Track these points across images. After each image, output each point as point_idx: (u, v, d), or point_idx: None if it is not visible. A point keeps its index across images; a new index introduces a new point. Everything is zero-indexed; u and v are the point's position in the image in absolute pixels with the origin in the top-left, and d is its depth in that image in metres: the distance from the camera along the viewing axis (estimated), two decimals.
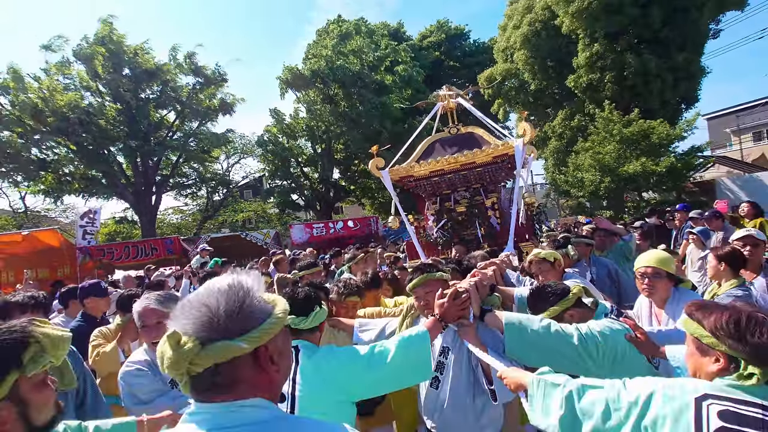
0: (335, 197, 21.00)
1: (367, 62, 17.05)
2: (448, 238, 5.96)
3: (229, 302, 0.90)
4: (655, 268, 2.59)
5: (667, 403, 1.27)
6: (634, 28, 15.34)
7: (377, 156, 6.18)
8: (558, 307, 1.99)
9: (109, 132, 17.74)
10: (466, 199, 6.06)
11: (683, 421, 1.23)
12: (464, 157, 5.75)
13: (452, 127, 6.50)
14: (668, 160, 12.43)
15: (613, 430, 1.33)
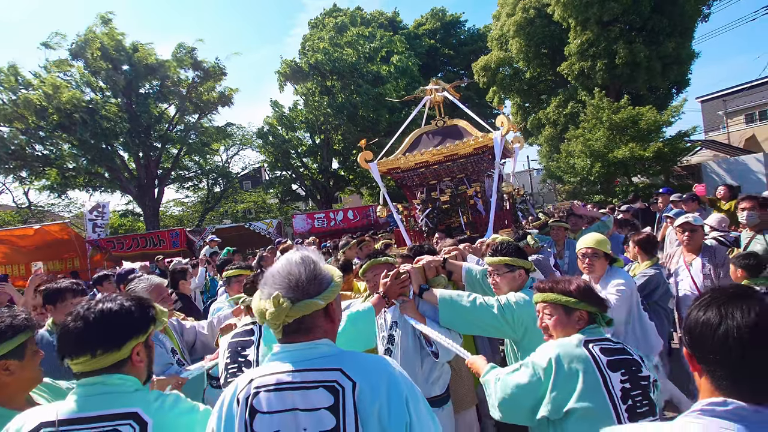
0: (335, 187, 21.38)
1: (363, 53, 17.29)
2: (434, 226, 6.33)
3: (307, 271, 1.25)
4: (594, 248, 3.02)
5: (568, 356, 1.69)
6: (624, 15, 15.53)
7: (366, 149, 6.56)
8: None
9: (112, 128, 18.08)
10: (451, 188, 6.41)
11: (588, 364, 1.68)
12: (447, 148, 6.10)
13: (439, 120, 6.83)
14: (655, 145, 12.75)
15: (542, 395, 1.73)
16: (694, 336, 0.99)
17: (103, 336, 1.37)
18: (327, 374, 1.19)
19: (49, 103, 16.93)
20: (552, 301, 1.85)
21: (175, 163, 22.64)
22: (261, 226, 15.34)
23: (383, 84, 18.02)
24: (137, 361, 1.43)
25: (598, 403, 1.65)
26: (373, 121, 18.21)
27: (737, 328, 0.91)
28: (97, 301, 1.45)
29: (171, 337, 3.09)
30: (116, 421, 1.33)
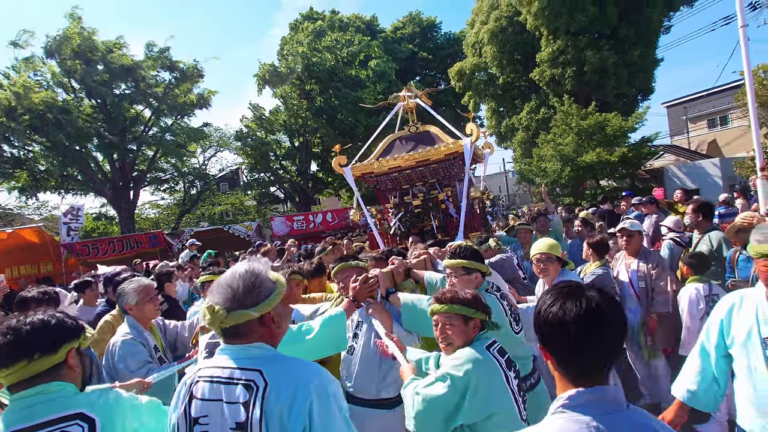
0: (314, 189, 21.50)
1: (342, 58, 17.49)
2: (407, 230, 6.57)
3: (245, 284, 1.38)
4: (547, 253, 3.27)
5: (480, 363, 1.87)
6: (592, 25, 16.15)
7: (341, 153, 6.77)
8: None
9: (86, 129, 17.80)
10: (423, 193, 6.67)
11: (495, 368, 1.88)
12: (419, 154, 6.35)
13: (411, 126, 7.09)
14: (621, 150, 13.34)
15: (458, 404, 1.83)
16: (542, 330, 1.13)
17: (39, 340, 1.43)
18: (248, 374, 1.34)
19: (20, 103, 16.59)
20: (456, 312, 1.99)
21: (151, 165, 22.36)
22: (240, 229, 15.38)
23: (361, 88, 18.25)
24: (73, 366, 1.50)
25: (507, 402, 1.84)
26: (352, 125, 18.42)
27: (571, 320, 1.06)
28: (27, 315, 1.50)
29: (155, 335, 3.23)
30: (63, 424, 1.39)
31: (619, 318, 1.09)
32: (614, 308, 1.09)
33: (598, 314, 1.06)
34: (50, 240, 14.32)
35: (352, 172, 6.76)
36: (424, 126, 7.15)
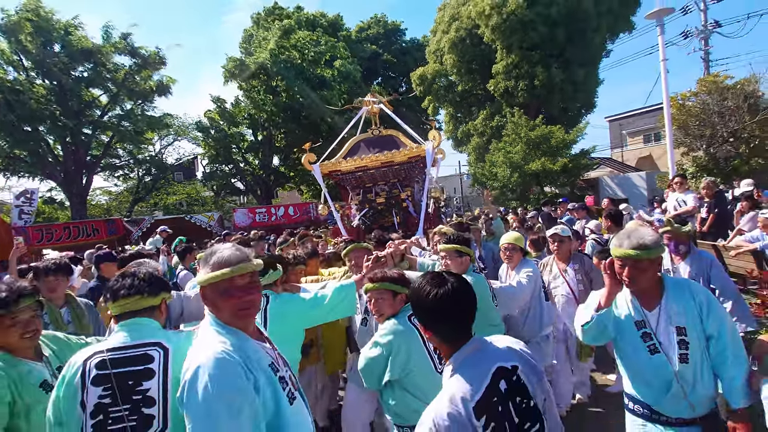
0: (275, 183, 21.77)
1: (308, 57, 17.95)
2: (369, 225, 7.25)
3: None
4: (513, 244, 3.91)
5: (400, 332, 2.30)
6: (543, 44, 17.51)
7: (310, 151, 7.36)
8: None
9: (40, 111, 17.27)
10: (385, 191, 7.38)
11: (414, 334, 2.28)
12: (384, 156, 7.03)
13: (375, 129, 7.76)
14: (563, 160, 14.69)
15: (386, 365, 2.29)
16: (424, 313, 1.47)
17: (148, 285, 1.92)
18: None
19: None
20: (387, 288, 2.40)
21: (106, 150, 21.87)
22: (202, 219, 15.54)
23: (326, 88, 18.78)
24: (162, 310, 1.96)
25: (423, 360, 2.26)
26: (315, 123, 18.92)
27: (435, 300, 1.42)
28: (142, 266, 2.10)
29: None
30: (148, 348, 1.83)
31: (473, 293, 1.48)
32: (468, 286, 1.48)
33: (459, 292, 1.44)
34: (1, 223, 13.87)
35: (321, 169, 7.37)
36: (387, 130, 7.83)
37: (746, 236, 5.87)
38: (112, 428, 1.72)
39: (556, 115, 18.84)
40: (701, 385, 2.06)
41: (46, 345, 2.28)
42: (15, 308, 2.12)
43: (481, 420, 1.35)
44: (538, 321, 3.75)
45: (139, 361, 1.77)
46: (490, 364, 1.42)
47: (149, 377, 1.75)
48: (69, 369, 1.79)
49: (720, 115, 10.83)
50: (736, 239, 6.06)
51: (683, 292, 2.13)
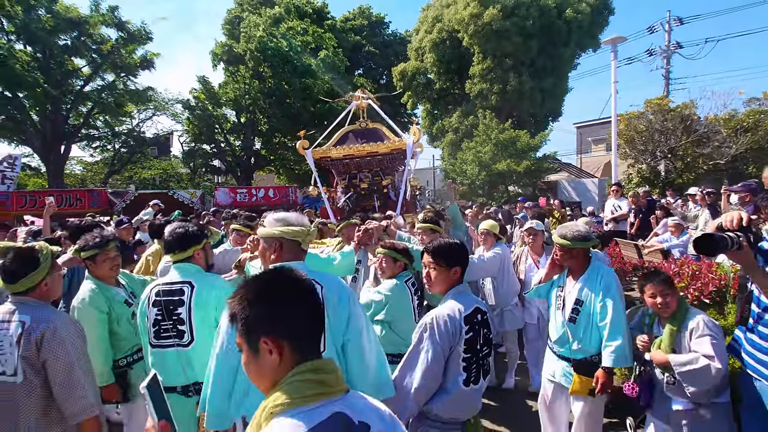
0: (255, 165, 22.42)
1: (295, 46, 18.67)
2: (352, 207, 8.27)
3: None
4: (488, 230, 4.73)
5: (397, 288, 3.12)
6: (516, 53, 18.87)
7: (304, 138, 8.31)
8: None
9: (23, 77, 17.34)
10: (369, 178, 8.40)
11: (406, 292, 3.16)
12: (369, 147, 8.03)
13: (362, 122, 8.73)
14: (526, 163, 16.12)
15: (383, 308, 3.11)
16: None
17: (179, 244, 2.61)
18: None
19: None
20: (390, 255, 3.20)
21: (86, 121, 21.95)
22: (185, 195, 16.11)
23: (311, 76, 19.56)
24: (198, 258, 2.66)
25: (408, 311, 3.11)
26: (299, 110, 19.69)
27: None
28: (180, 224, 2.73)
29: None
30: (181, 285, 2.53)
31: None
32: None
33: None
34: None
35: (312, 155, 8.33)
36: (373, 123, 8.85)
37: (659, 238, 7.33)
38: (163, 335, 2.53)
39: (525, 120, 20.28)
40: (583, 340, 2.92)
41: (121, 277, 3.26)
42: (107, 248, 3.04)
43: (465, 327, 2.09)
44: (509, 291, 4.53)
45: (177, 293, 2.53)
46: (473, 301, 2.20)
47: (181, 304, 2.51)
48: (144, 294, 2.65)
49: (661, 133, 12.41)
50: (652, 240, 7.51)
51: (597, 275, 2.89)
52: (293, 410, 0.96)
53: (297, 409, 0.96)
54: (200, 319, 2.47)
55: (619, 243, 8.02)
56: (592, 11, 19.23)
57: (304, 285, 1.10)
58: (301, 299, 1.09)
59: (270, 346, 1.02)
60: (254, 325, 1.04)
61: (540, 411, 3.29)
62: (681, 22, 21.46)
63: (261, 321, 1.04)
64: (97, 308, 2.90)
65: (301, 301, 1.08)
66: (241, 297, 1.06)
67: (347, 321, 2.03)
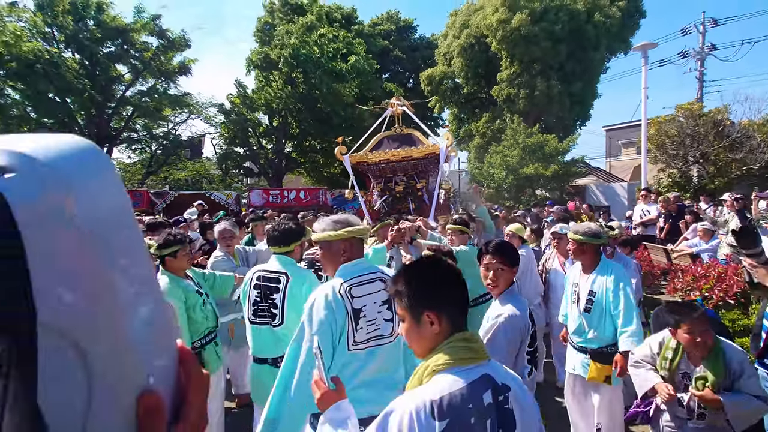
0: (286, 167, 23.12)
1: (327, 52, 19.26)
2: (388, 209, 8.66)
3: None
4: (513, 232, 5.34)
5: None
6: (545, 57, 18.98)
7: (342, 144, 8.75)
8: None
9: (73, 83, 18.43)
10: (404, 182, 8.76)
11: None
12: (404, 151, 8.41)
13: (397, 128, 9.12)
14: (553, 167, 16.23)
15: None
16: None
17: (281, 239, 2.99)
18: (377, 275, 2.24)
19: (8, 50, 16.97)
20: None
21: (126, 124, 23.09)
22: (221, 196, 16.85)
23: (341, 81, 20.12)
24: (295, 252, 3.08)
25: None
26: (328, 114, 20.28)
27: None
28: (282, 222, 3.34)
29: (235, 257, 5.26)
30: (280, 274, 2.91)
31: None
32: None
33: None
34: None
35: (350, 160, 8.76)
36: (408, 129, 9.23)
37: (688, 242, 7.50)
38: (259, 315, 2.99)
39: (553, 124, 20.34)
40: (598, 329, 3.24)
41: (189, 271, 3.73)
42: (185, 245, 3.54)
43: (526, 328, 2.29)
44: (531, 291, 4.79)
45: (274, 281, 2.93)
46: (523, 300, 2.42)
47: (277, 291, 2.91)
48: (247, 277, 3.14)
49: (692, 138, 12.41)
50: (681, 244, 7.67)
51: (607, 270, 3.25)
52: (453, 369, 1.20)
53: (456, 368, 1.20)
54: (291, 305, 2.87)
55: (648, 247, 8.20)
56: (623, 15, 19.18)
57: (456, 270, 1.38)
58: (456, 281, 1.34)
59: (431, 318, 1.26)
60: (419, 300, 1.28)
61: (567, 404, 3.59)
62: (716, 23, 21.21)
63: (425, 297, 1.28)
64: (176, 298, 3.34)
65: (456, 283, 1.34)
66: (408, 277, 1.33)
67: None
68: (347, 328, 2.09)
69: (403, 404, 1.17)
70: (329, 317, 2.06)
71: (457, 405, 1.13)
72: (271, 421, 2.09)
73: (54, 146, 0.48)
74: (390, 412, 1.17)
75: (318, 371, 1.47)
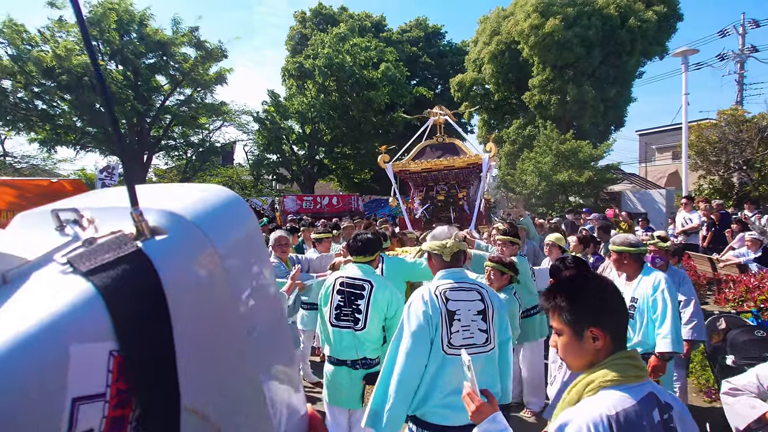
0: (318, 174, 23.60)
1: (359, 61, 19.65)
2: (429, 218, 8.85)
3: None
4: (553, 242, 5.51)
5: (507, 299, 4.29)
6: (577, 63, 18.87)
7: (384, 153, 8.97)
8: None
9: (118, 94, 19.31)
10: (445, 191, 8.94)
11: (514, 304, 4.18)
12: (446, 161, 8.58)
13: (439, 137, 9.29)
14: (587, 173, 16.11)
15: None
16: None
17: (365, 249, 3.17)
18: (474, 286, 2.41)
19: (60, 64, 17.94)
20: (497, 268, 3.73)
21: (165, 132, 23.99)
22: (257, 203, 17.36)
23: (373, 89, 20.46)
24: (376, 261, 3.23)
25: (515, 322, 3.93)
26: (360, 122, 20.65)
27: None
28: (363, 233, 3.50)
29: (287, 263, 5.52)
30: (365, 282, 3.07)
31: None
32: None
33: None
34: None
35: (392, 168, 8.97)
36: (450, 138, 9.37)
37: (735, 252, 7.42)
38: (342, 318, 3.17)
39: (587, 129, 20.16)
40: (641, 332, 3.37)
41: None
42: None
43: None
44: None
45: (358, 288, 3.11)
46: None
47: (361, 297, 3.10)
48: (328, 282, 3.34)
49: (735, 144, 12.19)
50: (727, 254, 7.59)
51: (649, 275, 3.40)
52: (621, 386, 1.20)
53: (624, 385, 1.20)
54: (374, 311, 3.08)
55: (692, 256, 8.12)
56: (659, 19, 18.93)
57: (615, 286, 1.41)
58: (619, 297, 1.35)
59: (595, 333, 1.26)
60: (583, 316, 1.29)
61: None
62: (757, 24, 20.70)
63: (589, 313, 1.28)
64: None
65: (619, 299, 1.35)
66: (570, 293, 1.33)
67: (506, 326, 2.46)
68: (441, 328, 2.22)
69: (577, 417, 1.18)
70: (426, 313, 2.23)
71: (633, 421, 1.15)
72: (374, 413, 2.29)
73: (201, 202, 0.48)
74: (565, 424, 1.18)
75: (471, 384, 1.53)
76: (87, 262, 0.41)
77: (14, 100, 18.90)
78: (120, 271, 0.40)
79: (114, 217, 0.47)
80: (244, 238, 0.51)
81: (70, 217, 0.48)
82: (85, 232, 0.46)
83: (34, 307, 0.37)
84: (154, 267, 0.41)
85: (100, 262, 0.41)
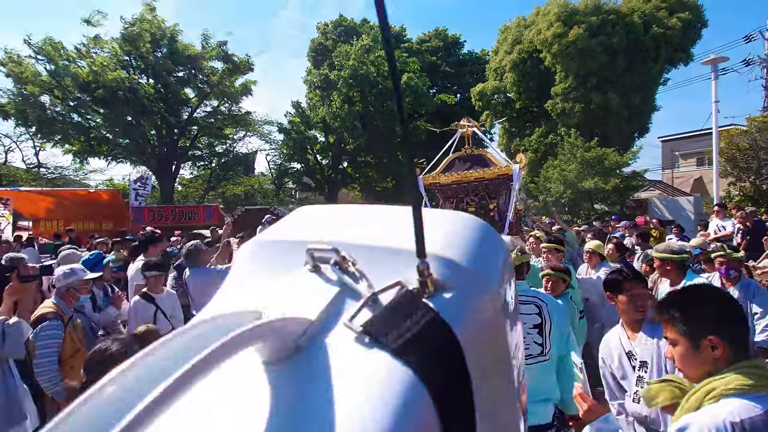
0: (341, 183, 23.97)
1: (383, 72, 19.99)
2: None
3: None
4: (594, 249, 5.55)
5: (565, 306, 4.43)
6: (601, 71, 18.86)
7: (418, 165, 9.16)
8: None
9: (150, 107, 20.03)
10: (475, 202, 9.06)
11: (573, 309, 4.38)
12: (476, 172, 8.71)
13: (468, 149, 9.43)
14: (614, 181, 16.06)
15: None
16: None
17: None
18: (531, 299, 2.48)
19: (95, 79, 18.71)
20: (558, 276, 3.71)
21: (193, 142, 24.72)
22: (284, 211, 17.69)
23: None
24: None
25: (575, 326, 3.78)
26: (382, 131, 20.97)
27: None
28: None
29: None
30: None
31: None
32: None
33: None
34: (122, 203, 16.52)
35: (423, 181, 9.14)
36: (478, 149, 9.51)
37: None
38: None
39: (611, 136, 20.08)
40: None
41: None
42: None
43: None
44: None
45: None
46: None
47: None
48: None
49: (766, 151, 12.08)
50: (764, 261, 7.56)
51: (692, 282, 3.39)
52: (746, 395, 1.15)
53: (750, 394, 1.15)
54: None
55: None
56: (684, 26, 18.83)
57: (731, 295, 1.46)
58: (734, 306, 1.35)
59: (714, 342, 1.24)
60: (700, 326, 1.28)
61: None
62: None
63: (708, 323, 1.27)
64: None
65: (735, 308, 1.33)
66: (685, 303, 1.34)
67: (567, 338, 2.52)
68: None
69: (699, 422, 1.15)
70: None
71: (760, 430, 1.11)
72: None
73: (467, 241, 0.44)
74: (685, 427, 1.16)
75: (582, 385, 1.66)
76: (389, 335, 0.34)
77: (52, 114, 19.73)
78: (429, 349, 0.34)
79: (370, 256, 0.41)
80: (508, 272, 0.48)
81: (328, 256, 0.41)
82: (359, 284, 0.39)
83: (356, 398, 0.30)
84: (455, 336, 0.35)
85: (405, 335, 0.34)
